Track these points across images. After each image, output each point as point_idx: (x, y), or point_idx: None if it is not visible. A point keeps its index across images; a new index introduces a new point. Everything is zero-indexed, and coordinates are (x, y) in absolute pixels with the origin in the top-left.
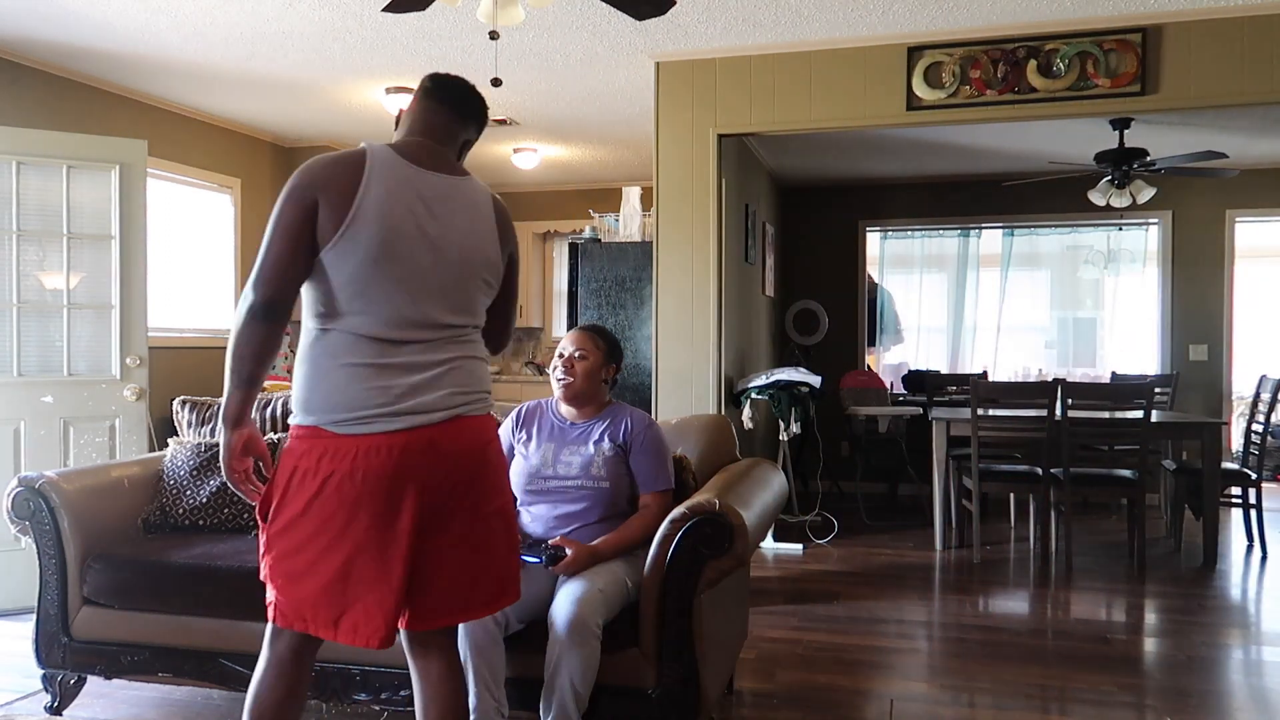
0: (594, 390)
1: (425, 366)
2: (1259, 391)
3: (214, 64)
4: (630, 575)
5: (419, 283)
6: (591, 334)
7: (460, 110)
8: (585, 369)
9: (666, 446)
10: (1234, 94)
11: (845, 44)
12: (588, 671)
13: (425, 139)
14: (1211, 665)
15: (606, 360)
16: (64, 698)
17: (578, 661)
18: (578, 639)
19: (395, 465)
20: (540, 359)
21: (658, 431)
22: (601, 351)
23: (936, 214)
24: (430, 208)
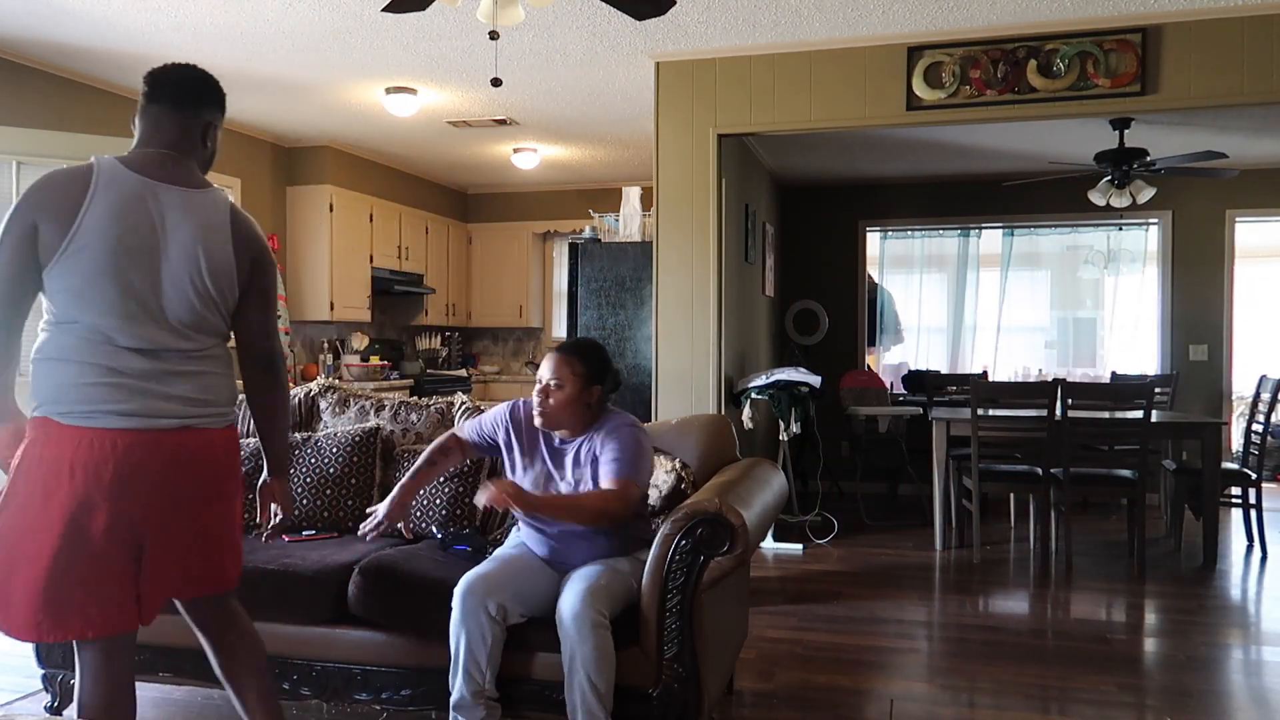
0: (575, 417)
1: (155, 375)
2: (1259, 391)
3: (214, 64)
4: (635, 573)
5: (146, 295)
6: (570, 359)
7: (180, 101)
8: (561, 400)
9: (637, 445)
10: (1234, 94)
11: (845, 44)
12: (601, 662)
13: (154, 148)
14: (1211, 665)
15: (587, 385)
16: (64, 698)
17: (589, 652)
18: (585, 629)
19: (115, 462)
20: (540, 359)
21: (630, 433)
22: (580, 378)
23: (936, 214)
24: (157, 220)
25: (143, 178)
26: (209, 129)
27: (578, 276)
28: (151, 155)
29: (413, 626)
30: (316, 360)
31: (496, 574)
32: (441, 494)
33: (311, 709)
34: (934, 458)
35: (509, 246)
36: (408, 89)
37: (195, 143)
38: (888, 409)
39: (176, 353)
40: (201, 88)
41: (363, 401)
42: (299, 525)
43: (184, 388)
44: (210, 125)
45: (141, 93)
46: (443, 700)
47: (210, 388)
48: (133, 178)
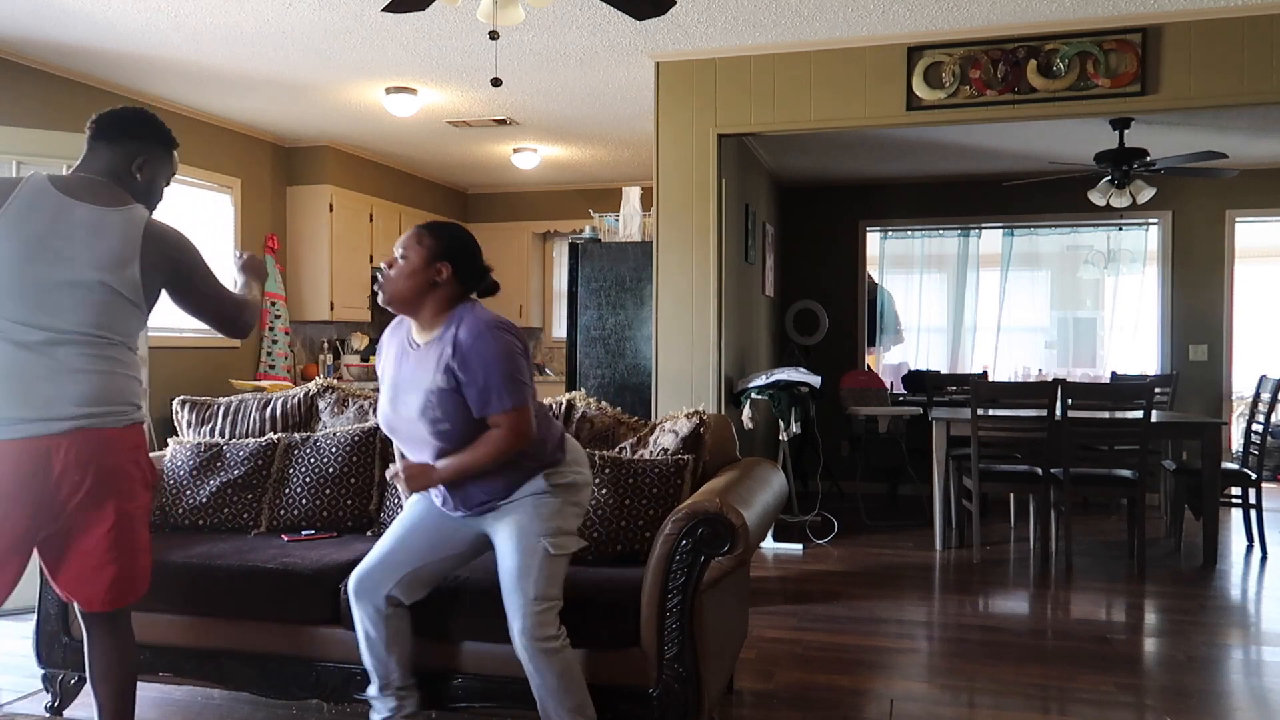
0: (416, 293)
1: (47, 376)
2: (1259, 391)
3: (214, 64)
4: (542, 530)
5: (42, 298)
6: (419, 230)
7: (108, 138)
8: (401, 270)
9: (508, 357)
10: (1234, 94)
11: (845, 44)
12: (563, 679)
13: (82, 173)
14: (1211, 665)
15: (433, 258)
16: (64, 698)
17: (551, 681)
18: (537, 660)
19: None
20: (540, 359)
21: (489, 342)
22: (426, 248)
23: (936, 214)
24: (65, 232)
25: (60, 194)
26: (141, 161)
27: (578, 276)
28: (77, 178)
29: None
30: (316, 360)
31: (381, 564)
32: None
33: (311, 709)
34: (934, 458)
35: (509, 246)
36: (408, 89)
37: (124, 172)
38: (888, 409)
39: (72, 354)
40: (136, 124)
41: (361, 401)
42: (299, 525)
43: (75, 391)
44: (141, 157)
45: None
46: (443, 700)
47: (111, 391)
48: (51, 193)
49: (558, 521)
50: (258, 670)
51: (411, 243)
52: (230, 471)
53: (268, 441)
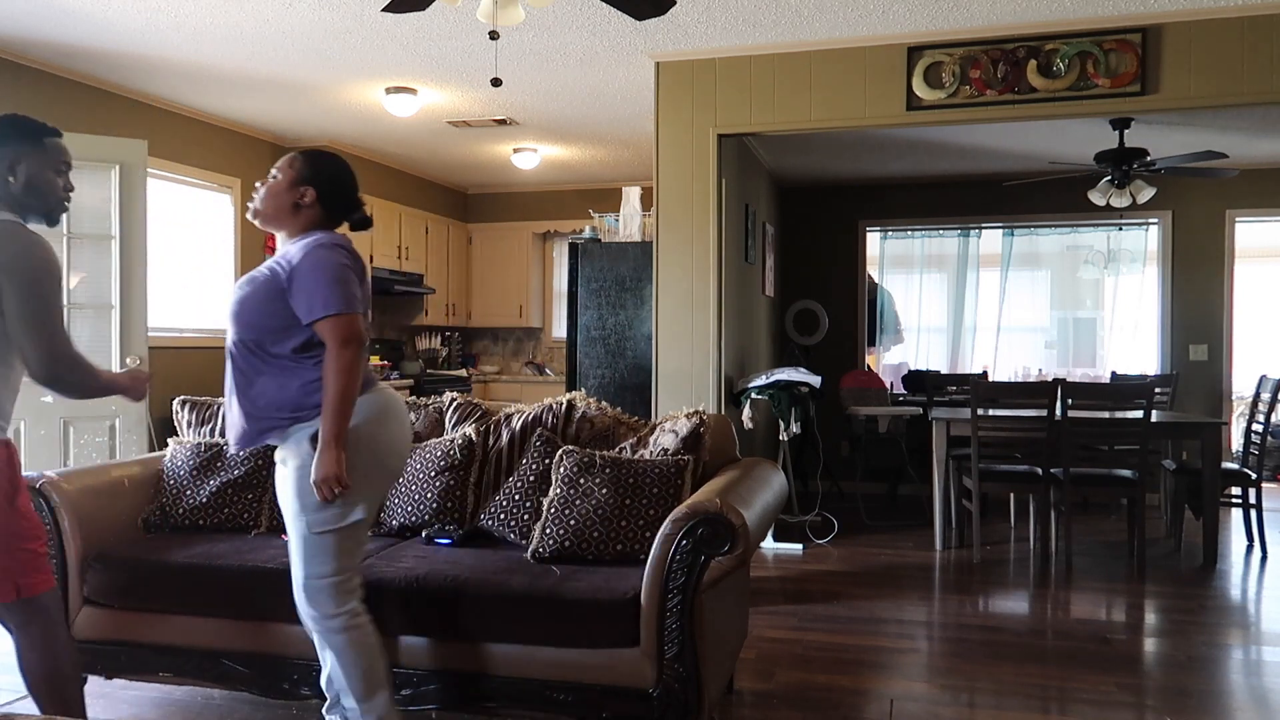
0: (279, 212)
1: None
2: (1259, 391)
3: (214, 64)
4: (300, 506)
5: None
6: (294, 154)
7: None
8: (269, 187)
9: (329, 268)
10: (1234, 94)
11: (845, 44)
12: (344, 660)
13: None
14: (1211, 665)
15: (299, 180)
16: None
17: (328, 656)
18: (313, 631)
19: None
20: (540, 359)
21: (318, 254)
22: (295, 171)
23: (936, 214)
24: None
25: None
26: (8, 164)
27: (578, 276)
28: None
29: (406, 628)
30: None
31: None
32: (433, 488)
33: (312, 709)
34: (934, 458)
35: (509, 246)
36: (408, 89)
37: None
38: (888, 409)
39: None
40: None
41: None
42: None
43: None
44: (6, 161)
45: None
46: (442, 699)
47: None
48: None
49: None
50: (258, 670)
51: (284, 165)
52: (230, 471)
53: None
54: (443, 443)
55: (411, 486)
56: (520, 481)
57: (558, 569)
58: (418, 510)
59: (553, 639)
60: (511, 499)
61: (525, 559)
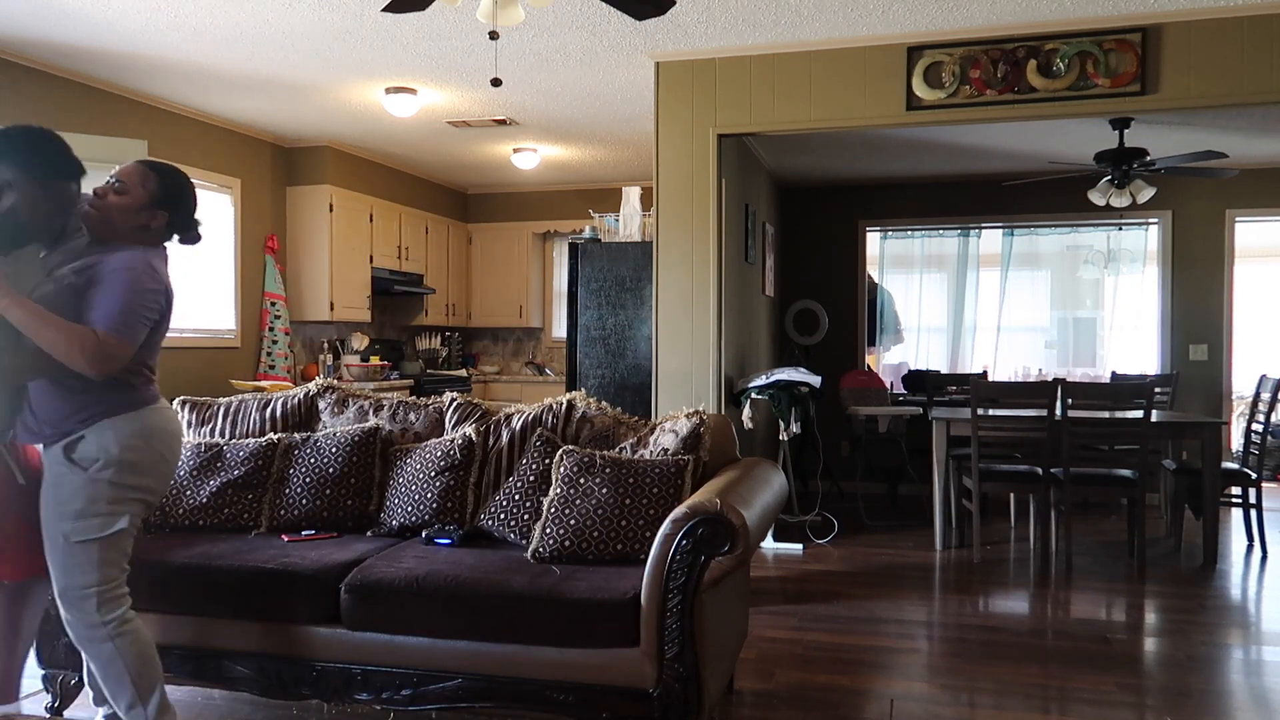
0: (126, 233)
1: None
2: (1259, 391)
3: (214, 64)
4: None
5: None
6: (146, 169)
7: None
8: (119, 204)
9: (131, 294)
10: (1234, 94)
11: (845, 44)
12: (110, 669)
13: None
14: (1211, 665)
15: (153, 204)
16: (64, 698)
17: (94, 664)
18: (76, 639)
19: None
20: (540, 359)
21: (132, 276)
22: (148, 192)
23: (936, 214)
24: None
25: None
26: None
27: (578, 276)
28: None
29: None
30: (316, 360)
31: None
32: (433, 488)
33: (312, 709)
34: (934, 458)
35: (509, 246)
36: (408, 89)
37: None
38: (888, 409)
39: None
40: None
41: (361, 401)
42: (299, 525)
43: None
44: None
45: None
46: (442, 699)
47: None
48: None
49: (78, 503)
50: (258, 670)
51: (135, 181)
52: (230, 472)
53: (268, 442)
54: (443, 443)
55: (411, 487)
56: (520, 481)
57: (558, 569)
58: (418, 510)
59: (553, 639)
60: (511, 499)
61: (525, 559)
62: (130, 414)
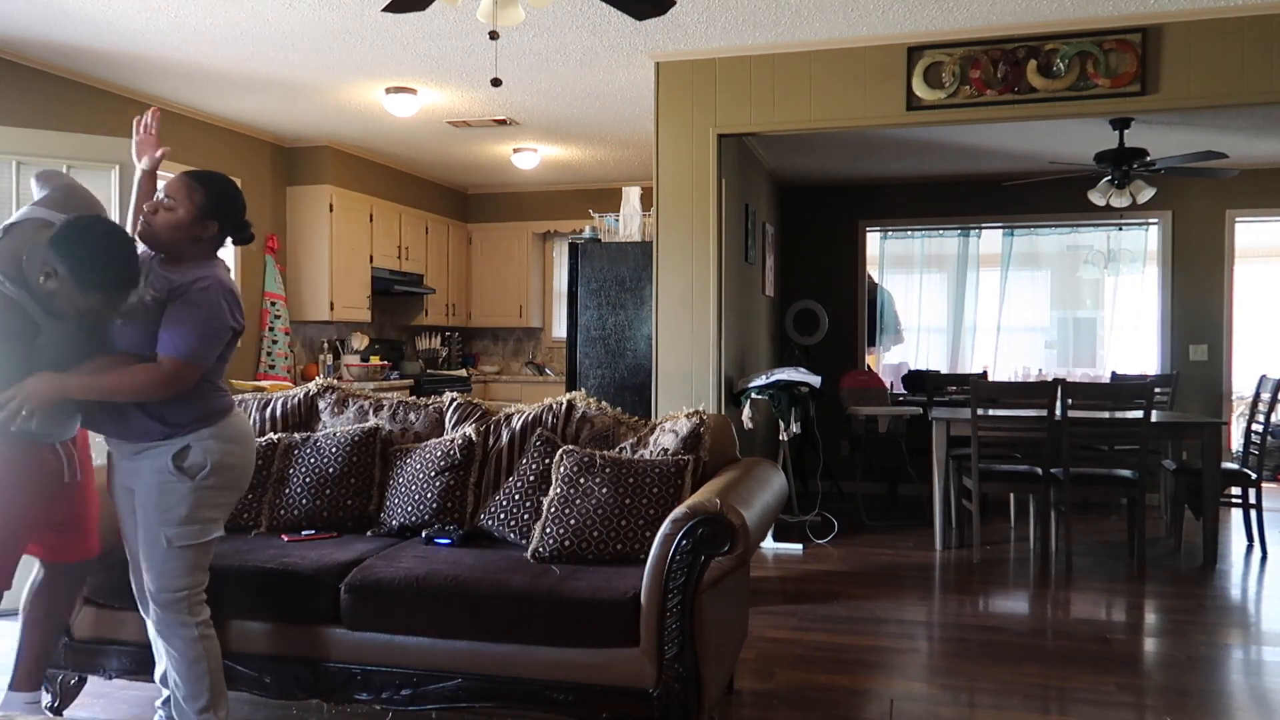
0: (179, 246)
1: None
2: (1259, 391)
3: (214, 64)
4: (161, 519)
5: None
6: (192, 182)
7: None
8: (170, 221)
9: (206, 315)
10: (1234, 94)
11: (845, 44)
12: (192, 668)
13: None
14: (1211, 665)
15: (202, 216)
16: (64, 698)
17: (175, 660)
18: (164, 634)
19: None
20: (540, 359)
21: (209, 301)
22: (196, 205)
23: (936, 214)
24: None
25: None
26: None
27: (578, 276)
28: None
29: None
30: (316, 360)
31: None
32: (433, 488)
33: (311, 708)
34: (934, 458)
35: (509, 246)
36: (408, 89)
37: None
38: (888, 409)
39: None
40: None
41: (361, 401)
42: (299, 525)
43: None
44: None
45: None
46: (443, 699)
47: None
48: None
49: (183, 510)
50: (258, 670)
51: (183, 196)
52: None
53: (268, 441)
54: (443, 443)
55: (411, 486)
56: (520, 481)
57: (558, 569)
58: (418, 510)
59: (553, 639)
60: (511, 499)
61: (525, 559)
62: (223, 421)
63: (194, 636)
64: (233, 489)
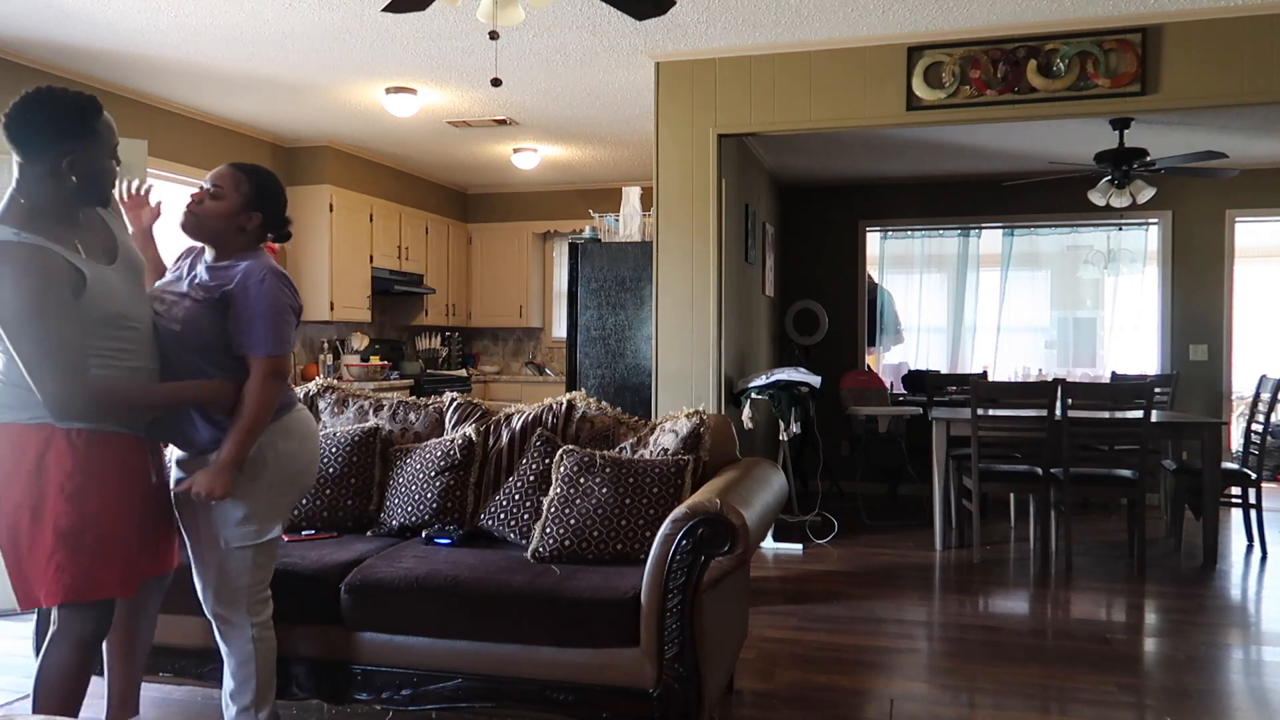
0: (223, 236)
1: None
2: (1259, 391)
3: (214, 64)
4: (221, 519)
5: None
6: (238, 172)
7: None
8: (215, 209)
9: (274, 309)
10: (1234, 94)
11: (845, 44)
12: (244, 667)
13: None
14: (1211, 665)
15: (248, 207)
16: None
17: (229, 661)
18: (220, 635)
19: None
20: (540, 359)
21: (268, 290)
22: (242, 195)
23: (936, 214)
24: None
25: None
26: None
27: (578, 276)
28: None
29: (406, 628)
30: (316, 360)
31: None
32: (433, 488)
33: (312, 709)
34: (934, 458)
35: (509, 246)
36: (408, 89)
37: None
38: (888, 409)
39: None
40: (41, 121)
41: (361, 401)
42: (299, 525)
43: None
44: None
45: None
46: (442, 699)
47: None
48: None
49: (243, 510)
50: None
51: (230, 185)
52: None
53: None
54: (443, 443)
55: (411, 486)
56: (520, 481)
57: (558, 569)
58: (418, 510)
59: (553, 639)
60: (511, 499)
61: (525, 559)
62: (285, 418)
63: (247, 637)
64: (294, 487)
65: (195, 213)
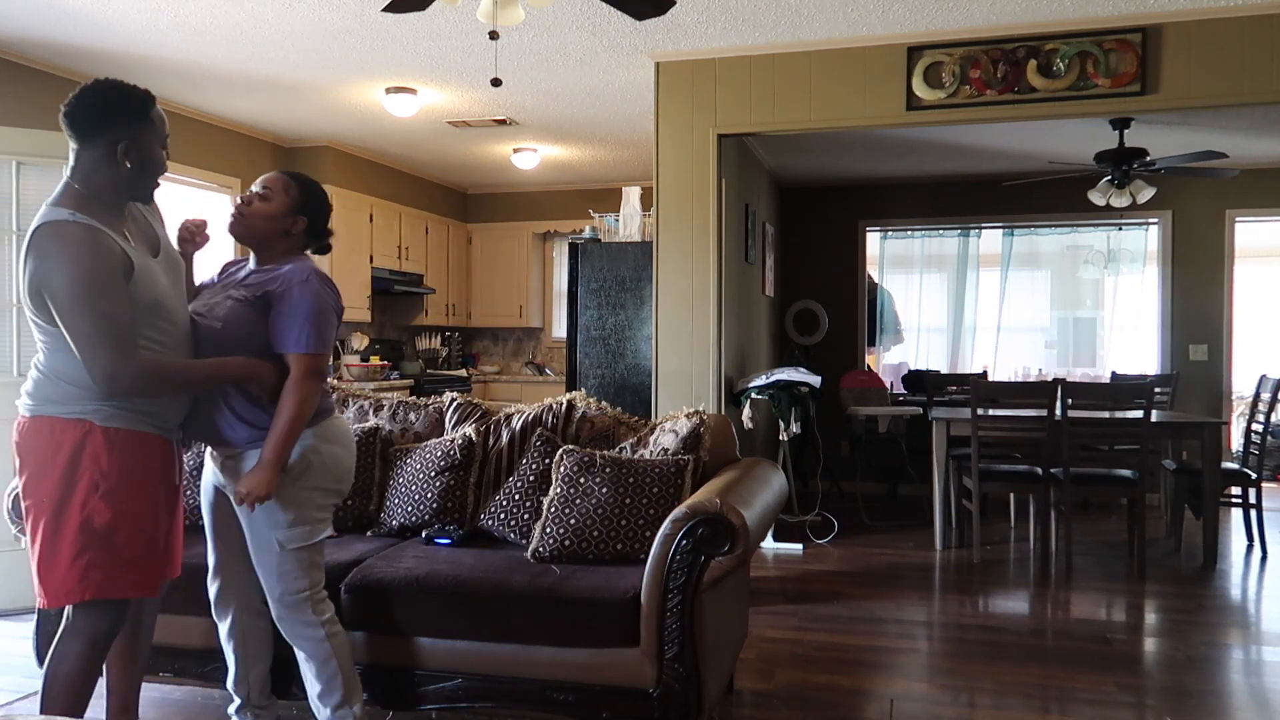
0: (269, 238)
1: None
2: (1259, 391)
3: (214, 64)
4: (271, 522)
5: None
6: (287, 178)
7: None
8: (263, 211)
9: (317, 308)
10: (1234, 94)
11: (845, 44)
12: (323, 665)
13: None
14: (1211, 665)
15: (294, 211)
16: None
17: (302, 658)
18: (290, 635)
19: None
20: (540, 359)
21: (312, 290)
22: (290, 199)
23: (936, 214)
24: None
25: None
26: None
27: (578, 276)
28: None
29: (406, 629)
30: None
31: (237, 561)
32: (433, 488)
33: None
34: (934, 458)
35: (509, 246)
36: (408, 89)
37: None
38: (888, 409)
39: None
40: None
41: (361, 401)
42: None
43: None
44: (124, 142)
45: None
46: (443, 699)
47: (30, 381)
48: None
49: (291, 513)
50: None
51: (279, 189)
52: None
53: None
54: (443, 443)
55: (411, 486)
56: (520, 481)
57: (558, 568)
58: (418, 510)
59: (553, 639)
60: (511, 499)
61: (525, 559)
62: (324, 423)
63: (321, 636)
64: (335, 491)
65: (243, 214)
